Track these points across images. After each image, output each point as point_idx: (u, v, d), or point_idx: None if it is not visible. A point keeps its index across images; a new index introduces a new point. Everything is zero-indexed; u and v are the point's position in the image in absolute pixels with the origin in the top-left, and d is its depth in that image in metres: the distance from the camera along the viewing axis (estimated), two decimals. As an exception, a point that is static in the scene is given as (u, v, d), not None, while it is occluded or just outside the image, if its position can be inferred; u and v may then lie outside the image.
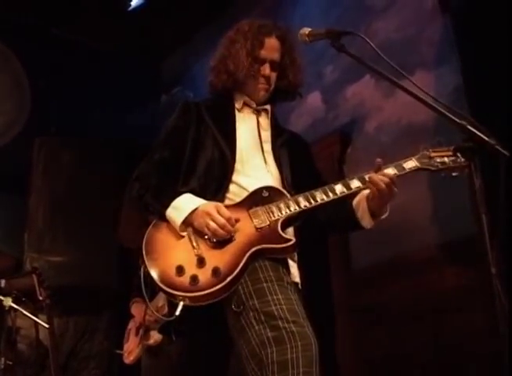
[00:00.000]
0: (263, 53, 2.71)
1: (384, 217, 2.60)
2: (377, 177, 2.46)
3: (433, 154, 2.53)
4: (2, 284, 4.34)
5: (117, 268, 5.61)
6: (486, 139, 1.97)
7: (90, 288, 5.63)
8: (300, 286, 2.57)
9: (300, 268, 2.59)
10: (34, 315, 4.40)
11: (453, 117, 2.05)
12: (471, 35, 4.15)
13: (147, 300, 2.47)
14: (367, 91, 4.90)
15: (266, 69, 2.72)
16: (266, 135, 2.75)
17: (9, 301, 4.25)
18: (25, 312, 4.37)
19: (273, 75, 2.76)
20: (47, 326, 4.27)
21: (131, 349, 4.31)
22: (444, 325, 3.96)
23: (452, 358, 3.88)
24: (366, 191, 2.54)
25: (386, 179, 2.45)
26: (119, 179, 5.77)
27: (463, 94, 4.12)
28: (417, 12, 4.67)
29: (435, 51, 4.46)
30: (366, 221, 2.61)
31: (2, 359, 4.26)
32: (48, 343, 4.30)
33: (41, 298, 4.26)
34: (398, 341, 4.20)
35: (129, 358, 4.28)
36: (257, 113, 2.79)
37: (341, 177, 2.69)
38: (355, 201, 2.62)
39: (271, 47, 2.73)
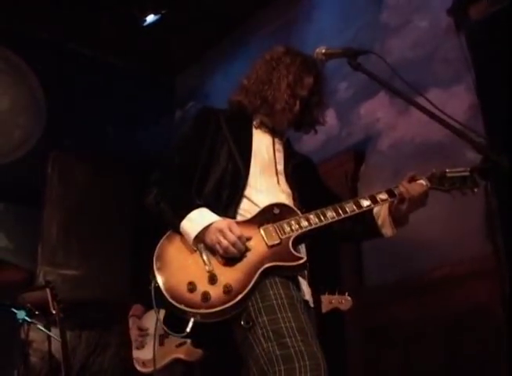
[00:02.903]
0: (300, 91, 2.73)
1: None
2: (411, 186, 2.56)
3: (449, 175, 2.56)
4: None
5: (130, 282, 5.62)
6: (500, 160, 1.96)
7: (103, 302, 5.64)
8: (311, 304, 2.56)
9: (311, 286, 2.59)
10: (46, 328, 4.40)
11: (470, 136, 2.05)
12: (486, 53, 4.16)
13: (157, 314, 2.45)
14: (381, 108, 4.90)
15: (297, 105, 2.74)
16: (280, 156, 2.77)
17: (22, 315, 4.25)
18: (38, 325, 4.37)
19: (299, 109, 2.78)
20: (59, 339, 4.27)
21: (156, 358, 4.30)
22: (458, 346, 3.92)
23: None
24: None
25: (422, 188, 2.55)
26: (132, 194, 5.80)
27: (478, 112, 4.12)
28: (432, 31, 4.68)
29: (450, 69, 4.46)
30: (388, 229, 2.67)
31: (15, 372, 4.28)
32: (60, 356, 4.30)
33: (54, 312, 4.25)
34: (411, 362, 4.17)
35: (149, 367, 4.26)
36: (273, 133, 2.81)
37: (354, 194, 2.71)
38: (375, 209, 2.66)
39: (307, 85, 2.75)
